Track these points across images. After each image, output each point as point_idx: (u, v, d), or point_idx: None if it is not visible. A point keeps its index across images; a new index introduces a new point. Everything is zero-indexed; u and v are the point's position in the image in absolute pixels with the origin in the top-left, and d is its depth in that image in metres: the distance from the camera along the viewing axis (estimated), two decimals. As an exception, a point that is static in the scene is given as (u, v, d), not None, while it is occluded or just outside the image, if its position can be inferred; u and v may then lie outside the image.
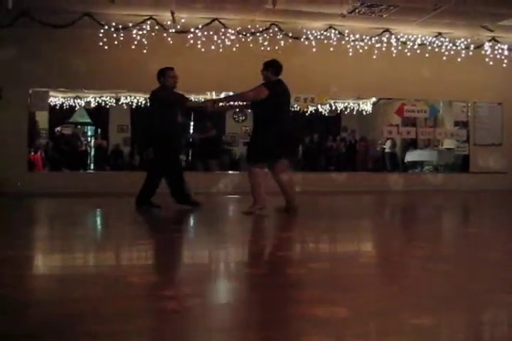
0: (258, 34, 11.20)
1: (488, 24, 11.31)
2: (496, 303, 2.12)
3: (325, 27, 11.49)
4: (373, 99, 15.96)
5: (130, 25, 10.76)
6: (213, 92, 13.02)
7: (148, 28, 10.82)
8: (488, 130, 12.63)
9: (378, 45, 11.77)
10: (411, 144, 15.22)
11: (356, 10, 10.49)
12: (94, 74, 10.65)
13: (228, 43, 11.05)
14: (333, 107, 16.49)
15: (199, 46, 10.90)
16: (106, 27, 10.65)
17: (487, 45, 12.16)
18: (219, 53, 10.87)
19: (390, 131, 13.13)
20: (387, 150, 15.15)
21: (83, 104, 15.52)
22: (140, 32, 10.83)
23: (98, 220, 6.30)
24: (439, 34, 11.97)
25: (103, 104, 15.43)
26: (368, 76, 11.43)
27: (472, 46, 12.08)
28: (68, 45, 10.42)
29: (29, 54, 10.37)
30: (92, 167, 14.90)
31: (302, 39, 11.40)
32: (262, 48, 11.17)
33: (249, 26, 11.14)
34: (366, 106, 16.69)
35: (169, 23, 10.72)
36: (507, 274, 2.75)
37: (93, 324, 1.80)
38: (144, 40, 10.83)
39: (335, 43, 11.56)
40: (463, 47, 12.07)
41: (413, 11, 10.54)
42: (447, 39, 12.01)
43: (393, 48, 11.83)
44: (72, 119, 16.00)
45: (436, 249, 3.63)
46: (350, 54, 11.63)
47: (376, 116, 16.58)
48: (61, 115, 15.35)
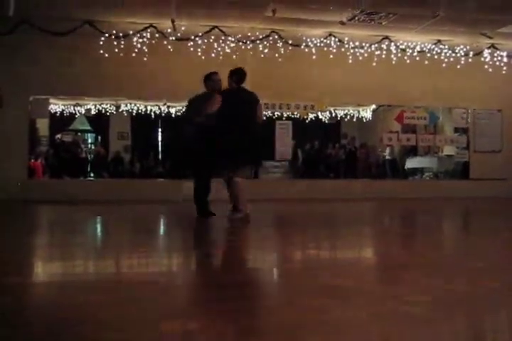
0: (258, 42, 11.24)
1: (487, 31, 11.36)
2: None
3: (325, 34, 11.53)
4: (373, 106, 15.98)
5: (131, 32, 10.80)
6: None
7: (148, 36, 10.86)
8: (487, 137, 12.65)
9: (378, 53, 11.81)
10: (411, 151, 15.22)
11: (356, 17, 10.53)
12: (94, 81, 10.68)
13: (228, 51, 11.08)
14: (333, 114, 16.52)
15: (199, 54, 10.93)
16: (106, 35, 10.69)
17: (486, 52, 12.21)
18: (219, 60, 10.90)
19: (390, 138, 13.15)
20: (387, 157, 15.16)
21: (83, 112, 15.54)
22: (140, 40, 10.86)
23: (100, 228, 6.29)
24: (439, 41, 12.01)
25: (103, 112, 15.45)
26: (368, 83, 11.47)
27: (471, 53, 12.12)
28: (69, 53, 10.45)
29: (30, 61, 10.40)
30: (92, 174, 14.89)
31: (302, 46, 11.44)
32: (262, 56, 11.21)
33: (249, 34, 11.18)
34: (366, 113, 16.71)
35: (169, 31, 10.77)
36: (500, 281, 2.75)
37: (93, 330, 1.80)
38: (145, 48, 10.87)
39: (335, 51, 11.61)
40: (462, 54, 12.11)
41: (412, 19, 10.59)
42: (446, 46, 12.05)
43: (393, 55, 11.87)
44: (72, 126, 16.03)
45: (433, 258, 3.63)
46: (350, 61, 11.67)
47: (376, 123, 16.60)
48: (61, 122, 15.37)
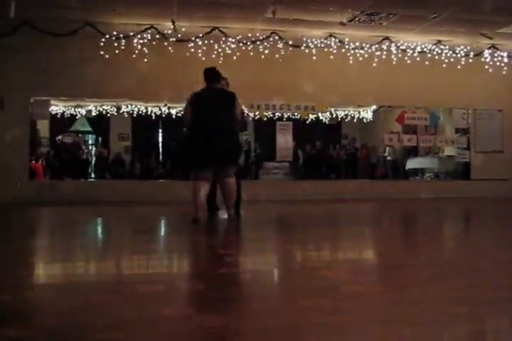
0: (258, 42, 11.25)
1: (487, 32, 11.37)
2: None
3: (325, 35, 11.54)
4: (374, 107, 15.98)
5: (131, 34, 10.81)
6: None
7: (149, 37, 10.88)
8: (488, 137, 12.64)
9: (378, 53, 11.82)
10: (412, 152, 15.22)
11: (356, 18, 10.55)
12: (95, 83, 10.69)
13: (229, 52, 11.09)
14: (333, 115, 16.52)
15: (200, 55, 10.94)
16: (107, 36, 10.70)
17: (487, 53, 12.21)
18: (220, 62, 10.90)
19: (391, 139, 13.16)
20: (388, 157, 15.15)
21: (84, 113, 15.55)
22: (141, 41, 10.88)
23: (101, 229, 6.30)
24: (439, 42, 12.02)
25: (104, 113, 15.46)
26: (368, 84, 11.47)
27: (472, 53, 12.13)
28: (69, 54, 10.46)
29: (31, 63, 10.41)
30: (93, 175, 14.90)
31: (302, 47, 11.45)
32: (263, 56, 11.22)
33: (249, 35, 11.19)
34: (367, 113, 16.71)
35: (170, 32, 10.79)
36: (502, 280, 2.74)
37: (93, 331, 1.80)
38: (145, 49, 10.88)
39: (335, 51, 11.62)
40: (463, 54, 12.12)
41: (413, 19, 10.60)
42: (447, 47, 12.05)
43: (393, 56, 11.88)
44: (73, 128, 16.02)
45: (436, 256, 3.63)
46: (350, 62, 11.68)
47: (377, 123, 16.60)
48: (62, 124, 15.38)
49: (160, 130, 17.03)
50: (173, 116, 15.53)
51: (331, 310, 2.06)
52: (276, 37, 11.28)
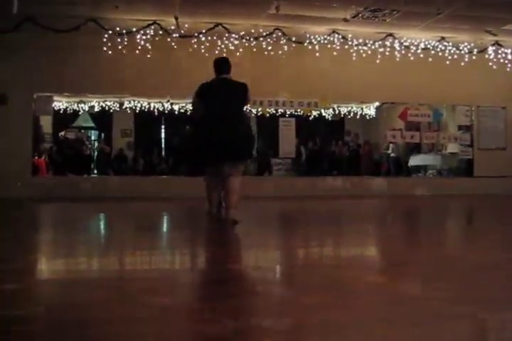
0: (262, 39, 11.23)
1: (491, 28, 11.33)
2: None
3: (328, 31, 11.51)
4: (377, 103, 15.96)
5: (134, 30, 10.80)
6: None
7: (152, 33, 10.87)
8: (491, 134, 12.61)
9: (382, 50, 11.79)
10: (415, 148, 15.18)
11: (359, 14, 10.51)
12: (98, 78, 10.69)
13: (232, 48, 11.07)
14: (336, 111, 16.49)
15: (203, 51, 10.92)
16: (110, 32, 10.69)
17: (490, 49, 12.17)
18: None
19: (394, 135, 13.14)
20: (392, 154, 15.10)
21: (87, 109, 15.56)
22: (144, 37, 10.87)
23: (104, 225, 6.31)
24: (443, 38, 11.98)
25: (107, 109, 15.46)
26: (372, 80, 11.45)
27: (475, 50, 12.09)
28: (72, 50, 10.45)
29: (33, 59, 10.41)
30: (96, 171, 14.90)
31: (306, 43, 11.42)
32: (266, 53, 11.20)
33: (252, 31, 11.17)
34: (369, 110, 16.68)
35: (173, 28, 10.77)
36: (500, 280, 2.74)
37: (96, 327, 1.80)
38: (148, 45, 10.87)
39: (338, 48, 11.59)
40: (466, 51, 12.08)
41: (416, 16, 10.56)
42: (450, 43, 12.02)
43: (396, 52, 11.85)
44: (75, 124, 16.01)
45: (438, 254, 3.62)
46: (353, 58, 11.65)
47: (379, 120, 16.57)
48: (65, 119, 15.38)
49: (163, 126, 17.02)
50: (175, 112, 15.53)
51: (332, 308, 2.07)
52: (279, 33, 11.25)
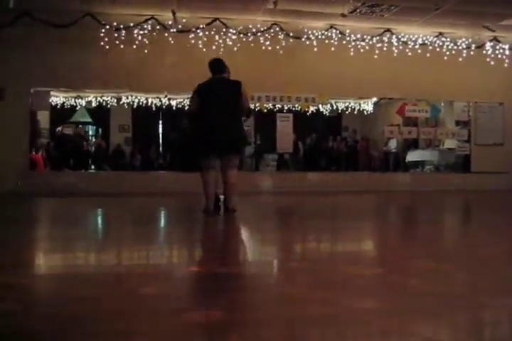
0: (259, 34, 11.21)
1: (489, 24, 11.33)
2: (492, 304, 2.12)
3: (326, 27, 11.50)
4: (374, 99, 15.97)
5: (131, 24, 10.78)
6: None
7: (149, 28, 10.85)
8: (489, 130, 12.64)
9: (379, 45, 11.78)
10: (412, 144, 15.22)
11: (357, 10, 10.50)
12: (95, 73, 10.67)
13: (230, 43, 11.06)
14: (334, 107, 16.50)
15: (200, 46, 10.91)
16: (107, 27, 10.67)
17: (488, 45, 12.18)
18: (220, 53, 10.87)
19: (391, 131, 13.15)
20: (392, 149, 15.12)
21: (84, 104, 15.54)
22: (141, 32, 10.85)
23: (101, 220, 6.31)
24: (440, 34, 11.98)
25: (104, 104, 15.45)
26: (369, 76, 11.45)
27: (473, 46, 12.09)
28: (69, 45, 10.43)
29: (31, 53, 10.38)
30: (93, 167, 14.91)
31: (303, 39, 11.41)
32: (264, 48, 11.19)
33: (250, 26, 11.15)
34: (367, 105, 16.70)
35: (170, 23, 10.75)
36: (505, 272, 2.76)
37: (96, 323, 1.81)
38: (146, 40, 10.85)
39: (336, 43, 11.58)
40: (464, 47, 12.08)
41: (414, 11, 10.56)
42: (448, 39, 12.02)
43: (394, 48, 11.85)
44: (73, 119, 16.01)
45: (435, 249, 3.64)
46: (351, 54, 11.64)
47: (377, 115, 16.59)
48: (62, 115, 15.37)
49: (160, 121, 17.02)
50: (173, 107, 15.52)
51: (333, 303, 2.07)
52: (277, 28, 11.24)
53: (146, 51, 10.82)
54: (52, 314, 1.93)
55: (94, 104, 15.45)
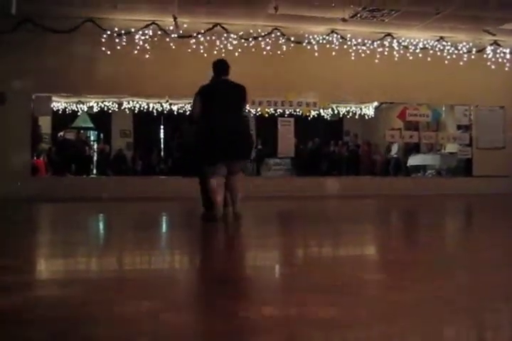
0: (260, 39, 11.24)
1: (490, 28, 11.34)
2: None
3: (327, 31, 11.52)
4: (375, 103, 15.96)
5: (132, 30, 10.81)
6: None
7: (150, 33, 10.88)
8: (490, 133, 12.63)
9: (380, 49, 11.80)
10: (414, 148, 15.20)
11: (358, 14, 10.52)
12: (96, 79, 10.69)
13: (230, 48, 11.08)
14: (335, 111, 16.50)
15: (201, 51, 10.92)
16: (108, 32, 10.70)
17: (489, 49, 12.19)
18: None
19: (393, 135, 13.15)
20: (395, 155, 15.08)
21: (86, 109, 15.56)
22: (142, 37, 10.87)
23: (103, 225, 6.31)
24: (441, 38, 12.00)
25: (105, 109, 15.47)
26: (370, 80, 11.46)
27: (474, 50, 12.11)
28: (71, 50, 10.46)
29: (32, 59, 10.41)
30: (95, 172, 14.90)
31: (304, 43, 11.43)
32: (265, 53, 11.20)
33: (251, 31, 11.18)
34: (368, 110, 16.69)
35: (172, 28, 10.77)
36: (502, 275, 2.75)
37: (95, 328, 1.80)
38: (147, 45, 10.88)
39: (337, 47, 11.60)
40: (465, 51, 12.09)
41: (415, 15, 10.57)
42: (449, 43, 12.03)
43: (395, 52, 11.87)
44: (74, 124, 16.02)
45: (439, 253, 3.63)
46: (352, 58, 11.66)
47: (378, 120, 16.58)
48: (64, 120, 15.38)
49: (162, 126, 17.03)
50: (174, 112, 15.53)
51: (333, 306, 2.07)
52: (278, 33, 11.26)
53: (148, 56, 10.84)
54: (54, 319, 1.93)
55: (95, 109, 15.46)
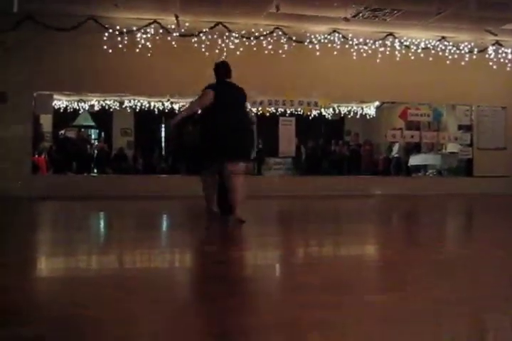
0: (262, 38, 11.23)
1: (491, 28, 11.32)
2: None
3: (329, 31, 11.51)
4: (377, 103, 15.94)
5: (134, 28, 10.80)
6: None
7: (152, 32, 10.87)
8: (491, 134, 12.62)
9: (382, 49, 11.79)
10: (415, 148, 15.18)
11: (360, 14, 10.51)
12: (98, 77, 10.68)
13: (232, 47, 11.07)
14: (336, 111, 16.47)
15: (203, 50, 10.91)
16: (110, 30, 10.69)
17: (491, 49, 12.17)
18: (223, 57, 10.87)
19: (394, 135, 13.13)
20: (396, 155, 15.05)
21: (87, 108, 15.55)
22: (144, 35, 10.87)
23: (104, 224, 6.31)
24: (443, 38, 11.99)
25: (107, 108, 15.46)
26: (372, 80, 11.45)
27: (476, 50, 12.10)
28: (72, 49, 10.46)
29: (34, 57, 10.41)
30: (96, 170, 14.90)
31: (306, 43, 11.42)
32: (266, 52, 11.20)
33: (253, 30, 11.17)
34: (370, 109, 16.66)
35: (173, 27, 10.76)
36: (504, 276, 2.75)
37: (95, 326, 1.81)
38: (148, 44, 10.87)
39: (339, 47, 11.59)
40: (466, 51, 12.08)
41: (417, 15, 10.56)
42: (451, 43, 12.02)
43: (397, 52, 11.85)
44: (76, 122, 16.01)
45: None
46: (354, 58, 11.65)
47: (380, 119, 16.56)
48: (65, 118, 15.37)
49: (163, 125, 17.02)
50: (175, 111, 15.51)
51: (332, 306, 2.07)
52: (279, 32, 11.25)
53: (149, 55, 10.83)
54: (55, 317, 1.93)
55: (96, 108, 15.45)
